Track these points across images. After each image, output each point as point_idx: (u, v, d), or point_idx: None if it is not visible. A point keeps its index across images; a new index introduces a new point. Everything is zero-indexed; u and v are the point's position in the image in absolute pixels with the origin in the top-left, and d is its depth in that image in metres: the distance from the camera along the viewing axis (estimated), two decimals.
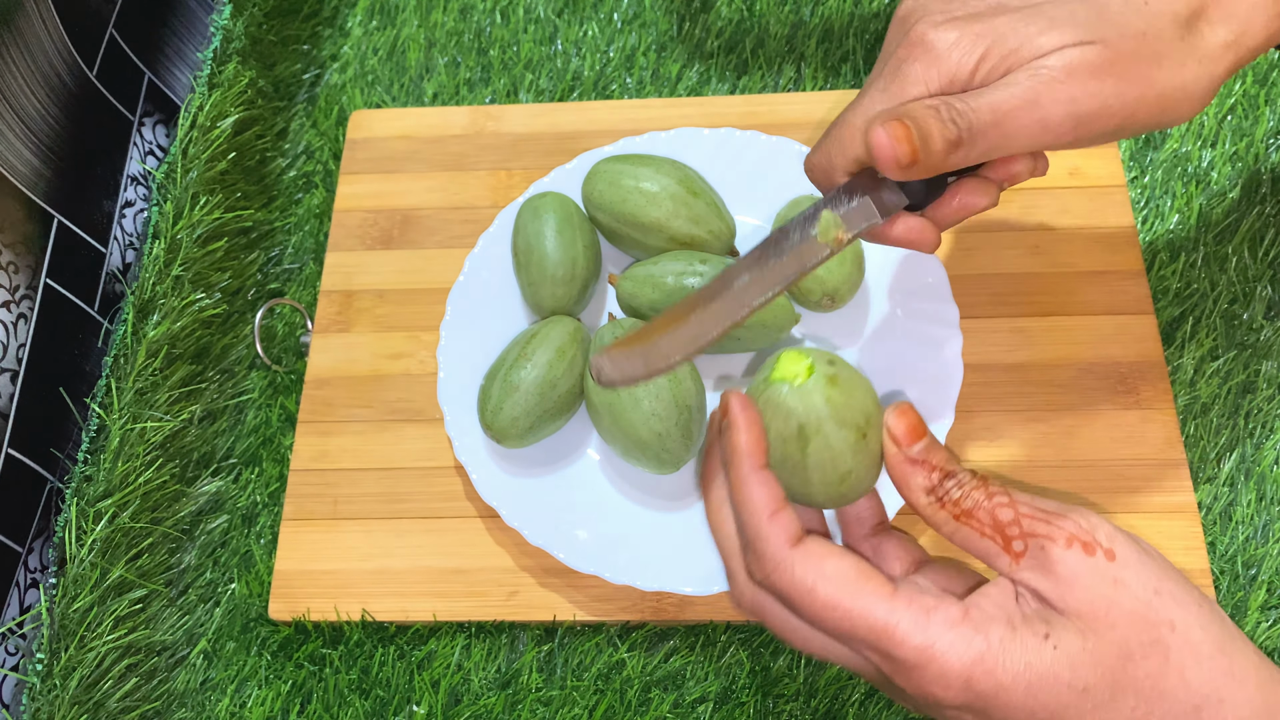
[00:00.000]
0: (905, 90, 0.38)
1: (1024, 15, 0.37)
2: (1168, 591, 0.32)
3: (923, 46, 0.37)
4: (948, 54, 0.37)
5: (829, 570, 0.32)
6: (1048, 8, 0.37)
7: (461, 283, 0.60)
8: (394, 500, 0.58)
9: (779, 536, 0.33)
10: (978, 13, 0.38)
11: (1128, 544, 0.32)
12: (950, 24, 0.37)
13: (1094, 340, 0.58)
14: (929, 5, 0.39)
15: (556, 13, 0.72)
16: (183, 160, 0.63)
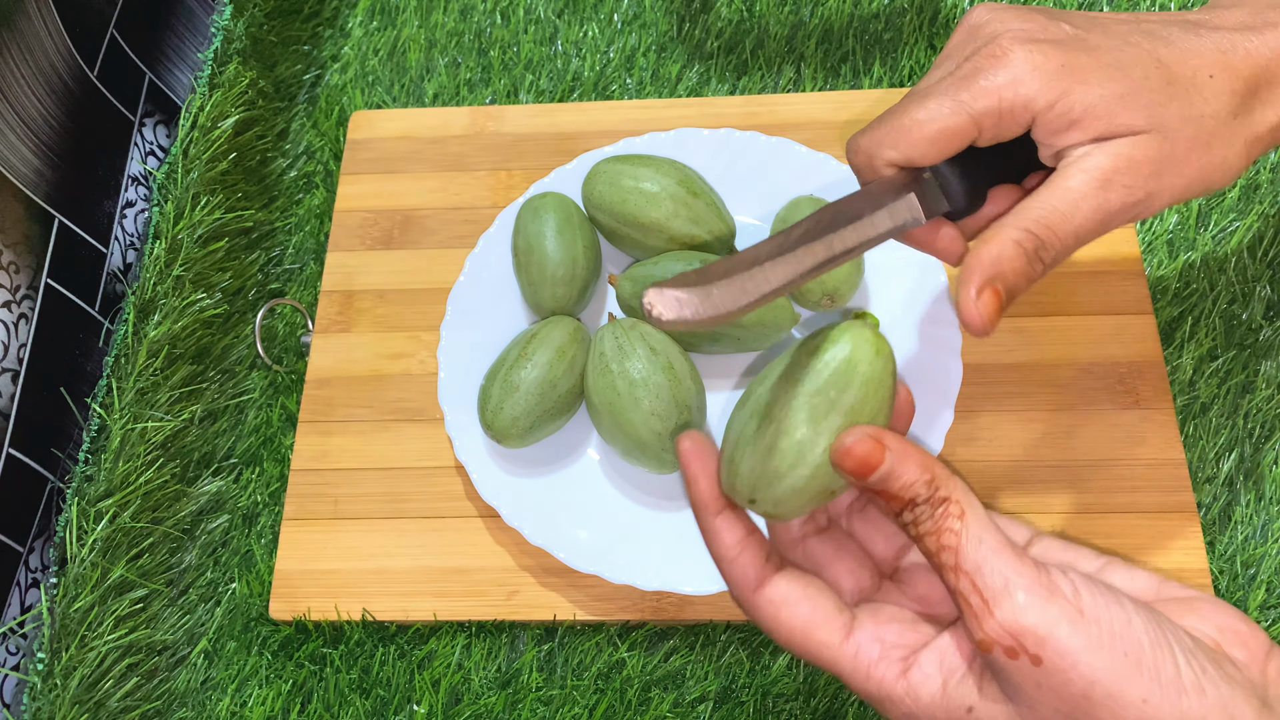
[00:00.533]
0: (976, 101, 0.37)
1: (1104, 68, 0.37)
2: (1102, 695, 0.30)
3: (1004, 61, 0.37)
4: (1027, 79, 0.37)
5: (783, 618, 0.35)
6: (1126, 57, 0.37)
7: (462, 283, 0.60)
8: (394, 500, 0.58)
9: (742, 581, 0.35)
10: (1060, 40, 0.37)
11: (1066, 640, 0.30)
12: (1034, 46, 0.37)
13: (1093, 340, 0.58)
14: (1008, 18, 0.38)
15: (557, 13, 0.72)
16: (183, 160, 0.63)
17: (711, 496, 0.35)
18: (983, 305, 0.35)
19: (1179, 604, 0.33)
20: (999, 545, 0.31)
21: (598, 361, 0.54)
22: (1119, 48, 0.37)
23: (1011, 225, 0.36)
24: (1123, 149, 0.37)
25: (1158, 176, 0.37)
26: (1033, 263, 0.37)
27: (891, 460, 0.32)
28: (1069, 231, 0.37)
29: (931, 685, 0.33)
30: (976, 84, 0.37)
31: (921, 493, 0.32)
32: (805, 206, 0.58)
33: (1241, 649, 0.31)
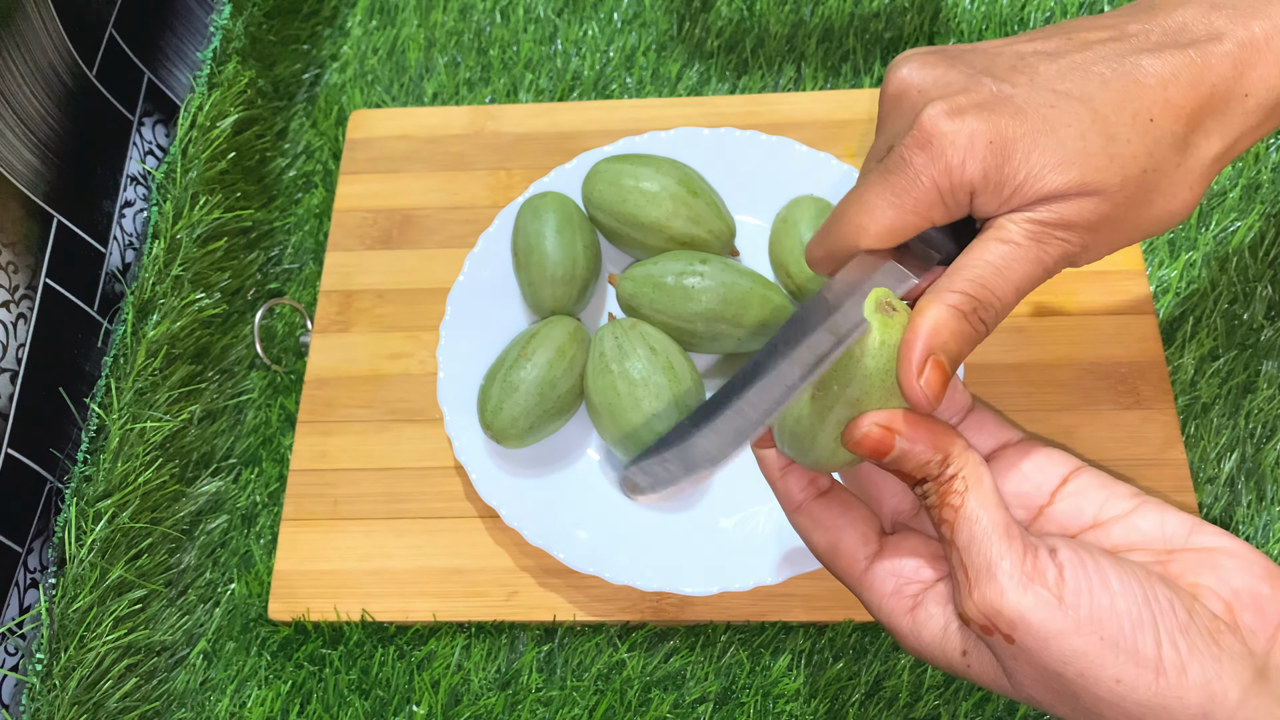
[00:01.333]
0: (911, 189, 0.36)
1: (1034, 136, 0.35)
2: (1074, 674, 0.31)
3: (933, 141, 0.35)
4: (958, 164, 0.35)
5: (814, 539, 0.38)
6: (1057, 117, 0.35)
7: (461, 283, 0.60)
8: (394, 500, 0.58)
9: (785, 500, 0.38)
10: (985, 104, 0.35)
11: (1039, 625, 0.31)
12: (960, 120, 0.35)
13: (1094, 340, 0.58)
14: (928, 88, 0.36)
15: (556, 12, 0.72)
16: (182, 160, 0.63)
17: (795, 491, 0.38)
18: (927, 382, 0.33)
19: (1204, 556, 0.33)
20: (992, 524, 0.33)
21: (598, 361, 0.54)
22: (1049, 104, 0.35)
23: (945, 289, 0.35)
24: (1058, 209, 0.35)
25: (1094, 233, 0.36)
26: (974, 325, 0.35)
27: (901, 444, 0.34)
28: (1007, 288, 0.35)
29: (934, 625, 0.35)
30: (910, 170, 0.36)
31: (933, 470, 0.34)
32: (805, 206, 0.58)
33: (1254, 614, 0.32)
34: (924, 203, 0.36)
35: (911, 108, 0.36)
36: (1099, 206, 0.35)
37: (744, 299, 0.55)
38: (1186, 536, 0.34)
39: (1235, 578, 0.32)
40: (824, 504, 0.37)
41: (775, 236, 0.58)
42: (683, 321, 0.55)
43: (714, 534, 0.54)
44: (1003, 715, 0.52)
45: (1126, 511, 0.35)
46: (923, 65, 0.37)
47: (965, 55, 0.37)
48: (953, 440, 0.34)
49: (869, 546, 0.36)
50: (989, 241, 0.36)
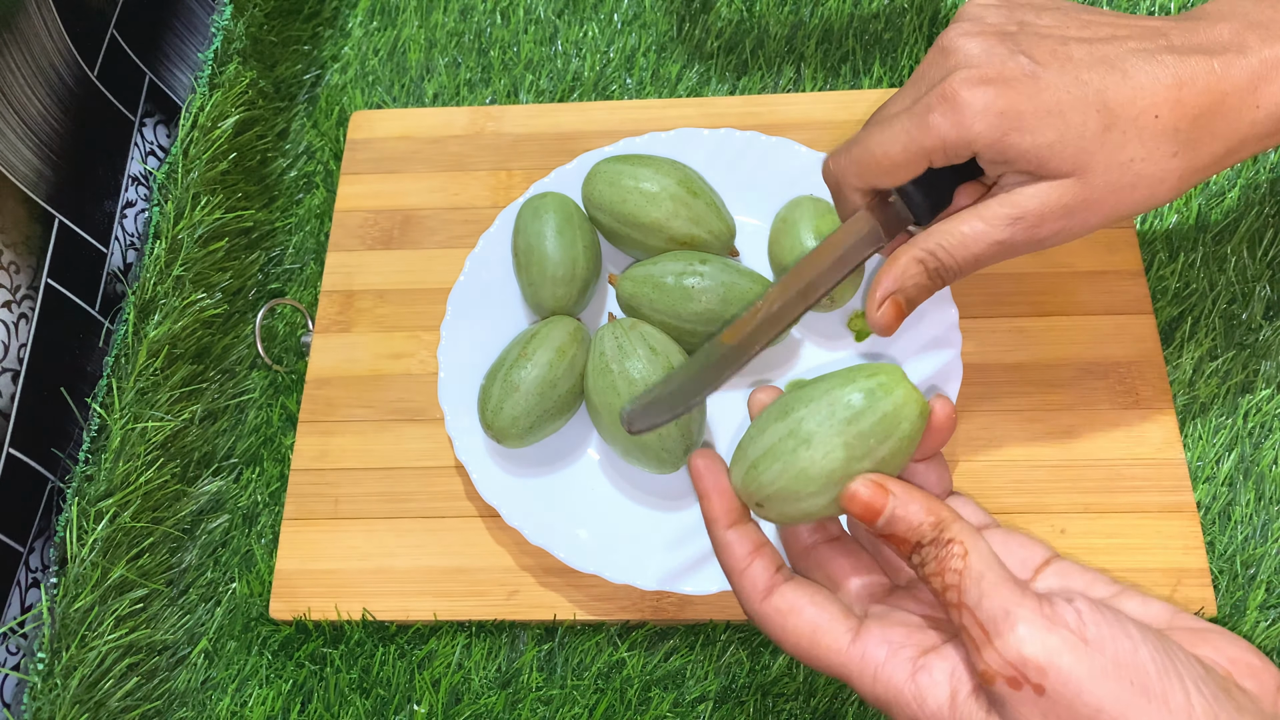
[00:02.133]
0: (925, 138, 0.41)
1: (1042, 115, 0.40)
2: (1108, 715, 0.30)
3: (952, 104, 0.40)
4: (970, 122, 0.40)
5: (790, 625, 0.35)
6: (1069, 100, 0.39)
7: (462, 283, 0.60)
8: (394, 500, 0.58)
9: (751, 591, 0.36)
10: (1010, 79, 0.40)
11: (1069, 669, 0.30)
12: (981, 89, 0.40)
13: (1093, 340, 0.58)
14: (973, 50, 0.41)
15: (556, 13, 0.72)
16: (184, 160, 0.63)
17: (724, 511, 0.37)
18: (884, 313, 0.43)
19: (1191, 634, 0.32)
20: (1000, 580, 0.31)
21: (598, 361, 0.54)
22: (1067, 87, 0.40)
23: (919, 245, 0.43)
24: (1043, 192, 0.40)
25: (1069, 216, 0.41)
26: (933, 279, 0.43)
27: (894, 505, 0.33)
28: (967, 258, 0.42)
29: (940, 693, 0.33)
30: (926, 121, 0.41)
31: (928, 534, 0.33)
32: (805, 206, 0.58)
33: (1252, 680, 0.31)
34: (933, 149, 0.41)
35: (949, 67, 0.41)
36: (1080, 190, 0.40)
37: (744, 299, 0.55)
38: (1169, 620, 0.33)
39: (1228, 649, 0.32)
40: (794, 586, 0.36)
41: (775, 237, 0.58)
42: (683, 321, 0.55)
43: None
44: None
45: (1110, 595, 0.34)
46: (970, 36, 0.41)
47: (1023, 30, 0.41)
48: (943, 507, 0.34)
49: (850, 619, 0.35)
50: (970, 218, 0.42)
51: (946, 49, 0.42)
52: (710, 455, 0.38)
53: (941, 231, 0.42)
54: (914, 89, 0.43)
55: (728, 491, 0.37)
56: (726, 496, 0.37)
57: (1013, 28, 0.42)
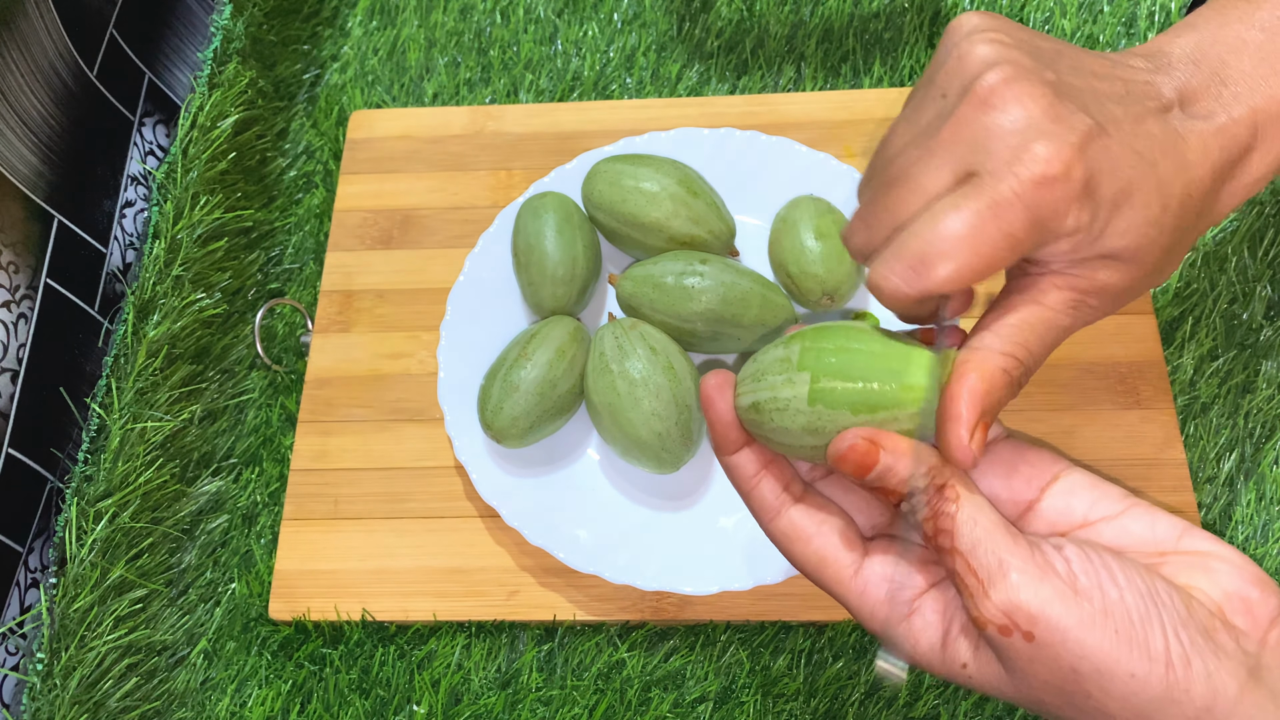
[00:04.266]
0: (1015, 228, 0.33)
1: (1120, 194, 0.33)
2: (1091, 670, 0.31)
3: (1055, 182, 0.32)
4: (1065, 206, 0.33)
5: (796, 550, 0.36)
6: (1134, 180, 0.34)
7: (461, 283, 0.60)
8: (394, 500, 0.58)
9: (760, 511, 0.37)
10: (1085, 143, 0.33)
11: (1058, 617, 0.31)
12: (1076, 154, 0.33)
13: (1094, 340, 0.58)
14: (1032, 107, 0.33)
15: (556, 13, 0.72)
16: (183, 160, 0.63)
17: (729, 438, 0.37)
18: (976, 443, 0.33)
19: (1194, 559, 0.33)
20: (993, 526, 0.32)
21: (598, 361, 0.54)
22: (1132, 165, 0.34)
23: (998, 351, 0.34)
24: (1098, 276, 0.35)
25: (1116, 299, 0.36)
26: (1013, 390, 0.35)
27: (886, 459, 0.33)
28: (1042, 354, 0.35)
29: (931, 634, 0.34)
30: (1021, 219, 0.33)
31: (920, 483, 0.33)
32: (805, 206, 0.58)
33: (1245, 616, 0.32)
34: (1028, 246, 0.33)
35: (1015, 129, 0.33)
36: (1134, 273, 0.35)
37: (744, 299, 0.55)
38: (1176, 540, 0.34)
39: (1226, 581, 0.32)
40: (803, 511, 0.36)
41: (775, 236, 0.58)
42: (683, 321, 0.55)
43: (714, 534, 0.54)
44: (1002, 715, 0.52)
45: (1117, 513, 0.35)
46: (1019, 76, 0.33)
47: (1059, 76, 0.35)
48: (934, 454, 0.34)
49: (854, 552, 0.35)
50: (1031, 306, 0.35)
51: (989, 102, 0.33)
52: (722, 377, 0.37)
53: (1014, 327, 0.35)
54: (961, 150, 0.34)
55: (729, 419, 0.36)
56: (728, 425, 0.37)
57: (1051, 76, 0.34)
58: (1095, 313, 0.36)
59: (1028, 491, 0.36)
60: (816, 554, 0.36)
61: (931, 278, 0.33)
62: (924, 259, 0.33)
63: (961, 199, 0.33)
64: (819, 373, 0.34)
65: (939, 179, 0.34)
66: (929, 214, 0.34)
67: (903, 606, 0.35)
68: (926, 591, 0.35)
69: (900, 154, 0.36)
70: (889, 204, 0.35)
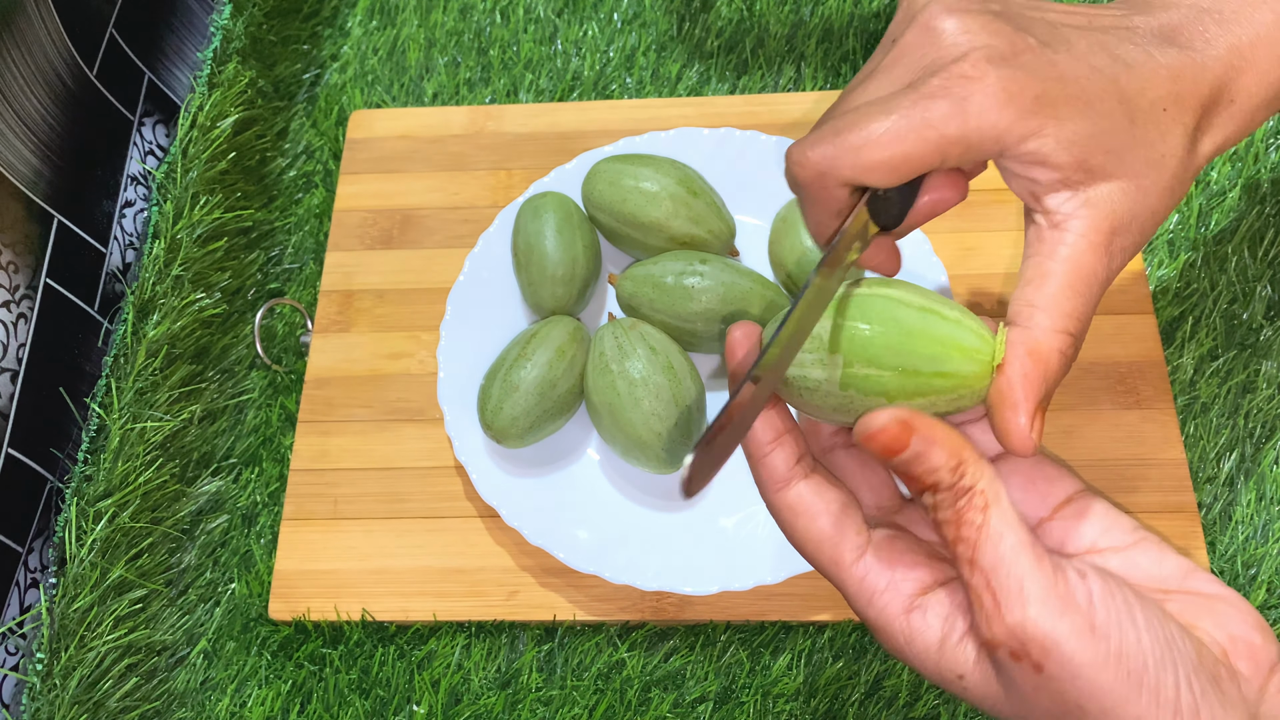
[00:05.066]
0: (944, 126, 0.33)
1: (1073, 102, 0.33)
2: (1097, 709, 0.30)
3: (977, 86, 0.33)
4: (1000, 110, 0.33)
5: (798, 526, 0.35)
6: (1093, 89, 0.34)
7: (461, 283, 0.60)
8: (394, 500, 0.58)
9: (767, 480, 0.35)
10: (1030, 65, 0.33)
11: (1072, 654, 0.30)
12: (1007, 71, 0.33)
13: (1094, 340, 0.58)
14: (975, 29, 0.34)
15: (556, 13, 0.72)
16: (183, 160, 0.63)
17: None
18: (1036, 430, 0.32)
19: (1199, 601, 0.32)
20: (1019, 544, 0.31)
21: (598, 361, 0.54)
22: (1086, 76, 0.34)
23: (1049, 328, 0.33)
24: (1112, 203, 0.34)
25: (1143, 231, 0.35)
26: (1068, 366, 0.34)
27: (917, 445, 0.31)
28: (1090, 316, 0.34)
29: (930, 636, 0.33)
30: (944, 107, 0.33)
31: (945, 479, 0.31)
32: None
33: (1248, 661, 0.31)
34: (953, 141, 0.33)
35: (953, 43, 0.34)
36: (1138, 196, 0.34)
37: (744, 299, 0.55)
38: (1182, 579, 0.33)
39: (1231, 624, 0.32)
40: (811, 486, 0.35)
41: (775, 236, 0.58)
42: (683, 321, 0.55)
43: (714, 534, 0.54)
44: None
45: (1126, 545, 0.34)
46: (965, 14, 0.35)
47: (1007, 9, 0.35)
48: (967, 447, 0.32)
49: (859, 537, 0.34)
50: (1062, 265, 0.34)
51: (938, 30, 0.34)
52: (748, 328, 0.35)
53: (1051, 299, 0.34)
54: (901, 70, 0.35)
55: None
56: None
57: (997, 6, 0.35)
58: (1124, 253, 0.35)
59: (1041, 509, 0.35)
60: (819, 532, 0.34)
61: (854, 157, 0.33)
62: (847, 135, 0.33)
63: (890, 95, 0.34)
64: (852, 356, 0.33)
65: (879, 92, 0.35)
66: (858, 105, 0.34)
67: (903, 600, 0.33)
68: (930, 590, 0.33)
69: (849, 91, 0.36)
70: (830, 115, 0.35)
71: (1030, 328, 0.33)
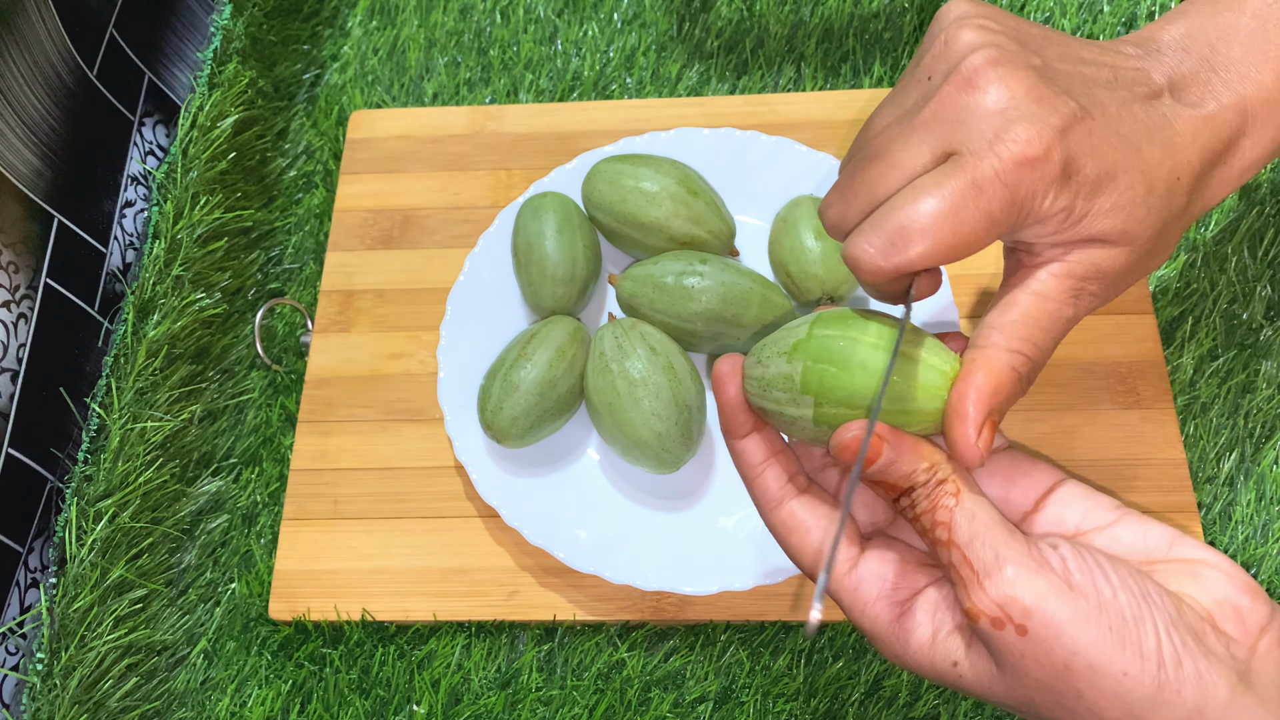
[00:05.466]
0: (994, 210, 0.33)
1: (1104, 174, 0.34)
2: (1084, 667, 0.31)
3: (1037, 162, 0.33)
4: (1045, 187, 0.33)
5: (793, 542, 0.37)
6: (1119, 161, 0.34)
7: (462, 283, 0.60)
8: (394, 500, 0.58)
9: (762, 499, 0.37)
10: (1069, 125, 0.33)
11: (1053, 611, 0.31)
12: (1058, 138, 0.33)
13: (1094, 340, 0.58)
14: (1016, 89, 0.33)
15: (556, 13, 0.72)
16: (183, 160, 0.63)
17: (738, 422, 0.37)
18: (984, 441, 0.33)
19: (1185, 567, 0.33)
20: (991, 521, 0.33)
21: (598, 361, 0.54)
22: (1115, 148, 0.34)
23: (1003, 348, 0.34)
24: (1093, 259, 0.35)
25: (1114, 284, 0.36)
26: (1023, 387, 0.35)
27: (889, 454, 0.33)
28: (1048, 348, 0.35)
29: (921, 634, 0.34)
30: (1001, 199, 0.33)
31: (921, 478, 0.33)
32: (805, 206, 0.58)
33: (1236, 623, 0.32)
34: (1006, 227, 0.34)
35: (999, 111, 0.33)
36: (1127, 257, 0.35)
37: (744, 299, 0.55)
38: (1168, 548, 0.34)
39: (1217, 588, 0.32)
40: (804, 503, 0.36)
41: (775, 236, 0.58)
42: (683, 321, 0.55)
43: (714, 534, 0.54)
44: (1003, 715, 0.52)
45: (1109, 523, 0.35)
46: (1004, 60, 0.34)
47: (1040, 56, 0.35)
48: (936, 450, 0.34)
49: (850, 550, 0.36)
50: (1031, 299, 0.35)
51: (974, 84, 0.34)
52: (734, 361, 0.37)
53: (1016, 322, 0.35)
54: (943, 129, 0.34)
55: (738, 403, 0.37)
56: (737, 410, 0.37)
57: (1036, 60, 0.35)
58: (1095, 299, 0.36)
59: (1024, 503, 0.36)
60: (813, 548, 0.36)
61: (909, 253, 0.33)
62: (903, 234, 0.33)
63: (942, 176, 0.33)
64: (822, 398, 0.34)
65: (919, 156, 0.34)
66: (909, 190, 0.34)
67: (894, 607, 0.35)
68: (920, 593, 0.35)
69: (882, 133, 0.36)
70: (867, 178, 0.35)
71: (986, 347, 0.34)
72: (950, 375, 0.34)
